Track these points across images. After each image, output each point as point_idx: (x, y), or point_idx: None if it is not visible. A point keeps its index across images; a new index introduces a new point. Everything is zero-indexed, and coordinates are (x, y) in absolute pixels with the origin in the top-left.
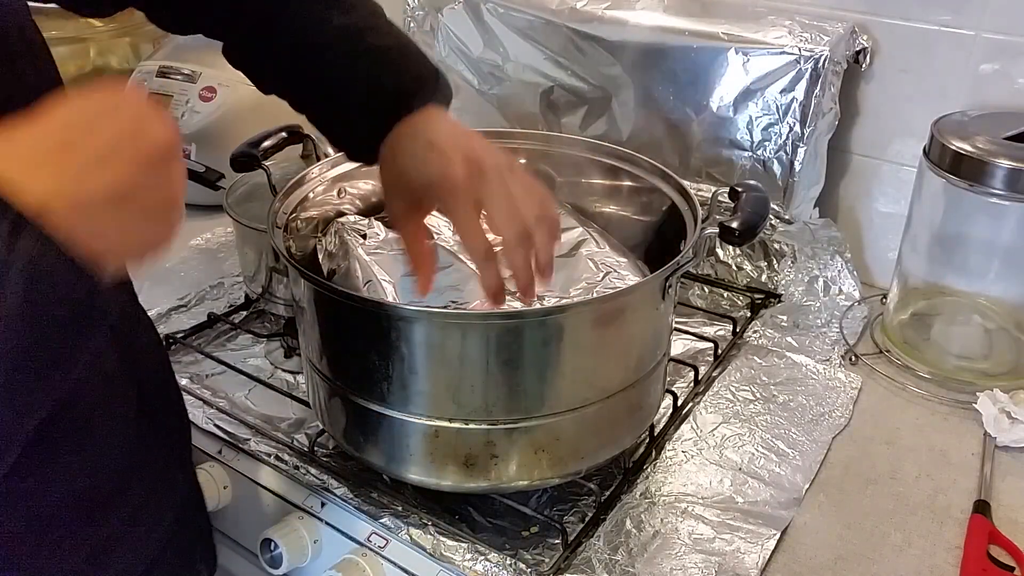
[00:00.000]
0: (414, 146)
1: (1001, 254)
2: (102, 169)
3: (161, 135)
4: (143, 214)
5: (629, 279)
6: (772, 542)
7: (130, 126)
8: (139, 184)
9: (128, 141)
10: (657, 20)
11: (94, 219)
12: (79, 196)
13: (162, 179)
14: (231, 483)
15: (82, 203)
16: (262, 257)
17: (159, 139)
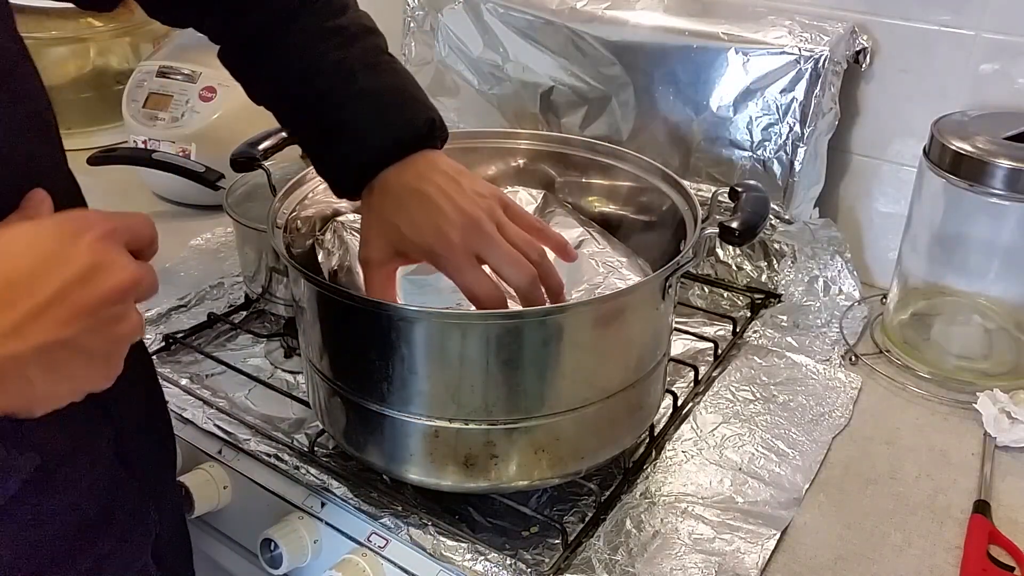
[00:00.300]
0: (402, 198)
1: (1001, 254)
2: (35, 327)
3: (114, 282)
4: (82, 360)
5: (630, 279)
6: (772, 542)
7: (81, 274)
8: (78, 334)
9: (75, 293)
10: (657, 20)
11: (22, 374)
12: (5, 360)
13: (108, 324)
14: (231, 483)
15: (11, 367)
16: (262, 257)
17: (111, 286)
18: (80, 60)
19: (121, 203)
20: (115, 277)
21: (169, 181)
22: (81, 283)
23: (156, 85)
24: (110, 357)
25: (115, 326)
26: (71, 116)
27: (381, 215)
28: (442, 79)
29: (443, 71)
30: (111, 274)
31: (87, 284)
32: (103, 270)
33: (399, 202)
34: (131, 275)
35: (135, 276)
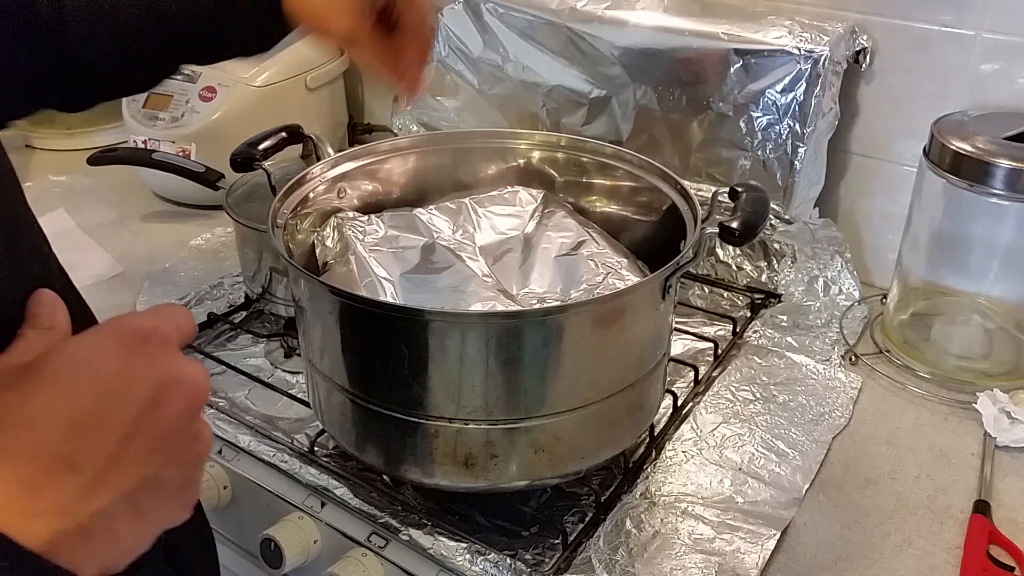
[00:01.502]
0: None
1: (1001, 254)
2: (117, 472)
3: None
4: (163, 496)
5: (629, 279)
6: (772, 542)
7: (150, 397)
8: (159, 467)
9: (148, 421)
10: (657, 20)
11: (109, 528)
12: (90, 519)
13: (185, 447)
14: (231, 483)
15: (97, 523)
16: (262, 257)
17: (185, 405)
18: None
19: (121, 203)
20: (186, 393)
21: (169, 181)
22: (155, 407)
23: None
24: (188, 485)
25: (191, 447)
26: (71, 116)
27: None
28: (442, 79)
29: (443, 71)
30: (181, 390)
31: (161, 406)
32: (172, 387)
33: None
34: (199, 385)
35: (203, 385)
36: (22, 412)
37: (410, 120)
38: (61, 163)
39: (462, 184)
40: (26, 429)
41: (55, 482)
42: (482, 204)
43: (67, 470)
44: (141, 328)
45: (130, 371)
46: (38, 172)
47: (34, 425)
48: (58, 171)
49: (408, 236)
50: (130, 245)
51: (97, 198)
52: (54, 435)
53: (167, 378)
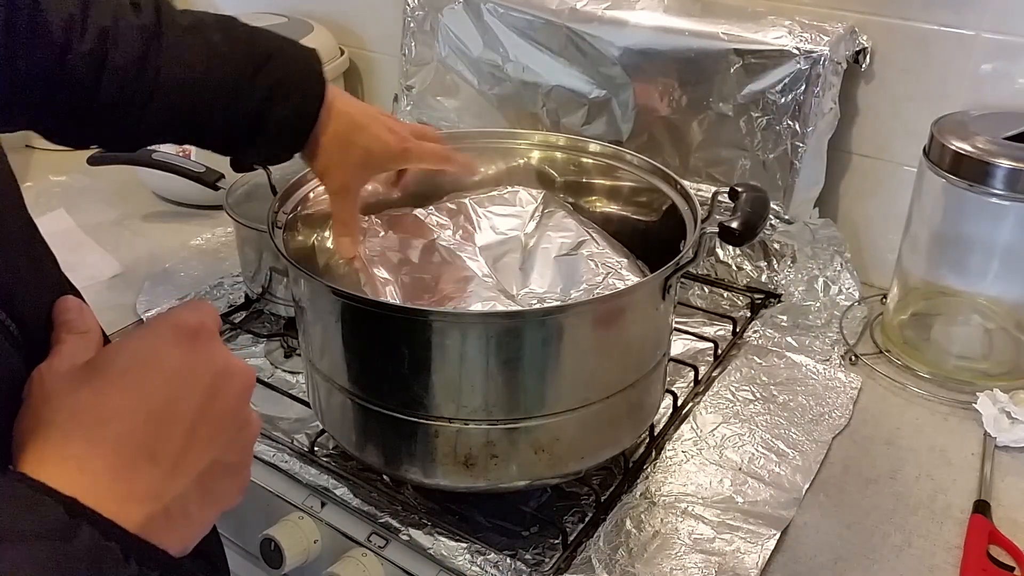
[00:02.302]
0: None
1: (1001, 254)
2: (190, 458)
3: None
4: (225, 478)
5: (629, 279)
6: (772, 542)
7: (210, 386)
8: (221, 451)
9: (210, 408)
10: (657, 20)
11: (185, 510)
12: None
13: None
14: None
15: (177, 506)
16: (262, 257)
17: (238, 390)
18: None
19: (121, 203)
20: (238, 381)
21: (169, 181)
22: (214, 395)
23: None
24: (243, 468)
25: (245, 432)
26: None
27: (343, 142)
28: (442, 79)
29: (443, 71)
30: (234, 379)
31: (219, 394)
32: (227, 377)
33: (355, 126)
34: (249, 373)
35: (251, 373)
36: (101, 408)
37: (410, 120)
38: (61, 163)
39: (462, 184)
40: (108, 424)
41: (140, 470)
42: (482, 204)
43: (148, 458)
44: (190, 324)
45: (190, 364)
46: (38, 172)
47: (114, 420)
48: (58, 171)
49: (408, 237)
50: (130, 245)
51: (97, 198)
52: (134, 428)
53: (222, 368)
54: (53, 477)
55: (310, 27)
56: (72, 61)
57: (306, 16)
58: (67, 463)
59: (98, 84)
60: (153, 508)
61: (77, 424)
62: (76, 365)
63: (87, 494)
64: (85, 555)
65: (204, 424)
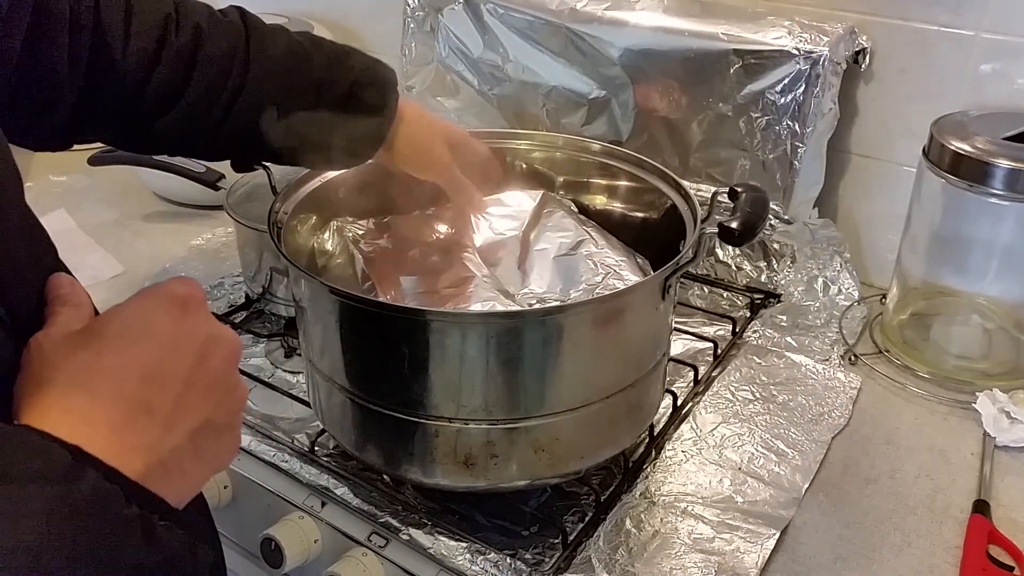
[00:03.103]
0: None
1: (1000, 254)
2: (183, 415)
3: (227, 349)
4: (216, 437)
5: (629, 279)
6: (772, 542)
7: (199, 350)
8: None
9: (200, 371)
10: (657, 20)
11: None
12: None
13: (229, 393)
14: (231, 483)
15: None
16: (262, 257)
17: (226, 354)
18: None
19: (121, 203)
20: (226, 346)
21: (169, 181)
22: (203, 358)
23: None
24: (233, 428)
25: (233, 394)
26: None
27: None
28: (442, 79)
29: (443, 71)
30: (222, 344)
31: (208, 358)
32: (215, 342)
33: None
34: (235, 339)
35: (237, 340)
36: (99, 368)
37: None
38: (62, 163)
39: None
40: (106, 381)
41: (138, 424)
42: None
43: (145, 413)
44: (180, 293)
45: (180, 329)
46: (39, 172)
47: (112, 378)
48: (59, 171)
49: (408, 238)
50: (131, 245)
51: (98, 198)
52: (131, 385)
53: (210, 334)
54: (57, 427)
55: (310, 27)
56: (167, 55)
57: (306, 16)
58: (69, 415)
59: (189, 78)
60: (151, 459)
61: (77, 381)
62: (72, 331)
63: (90, 443)
64: (90, 496)
65: (195, 385)
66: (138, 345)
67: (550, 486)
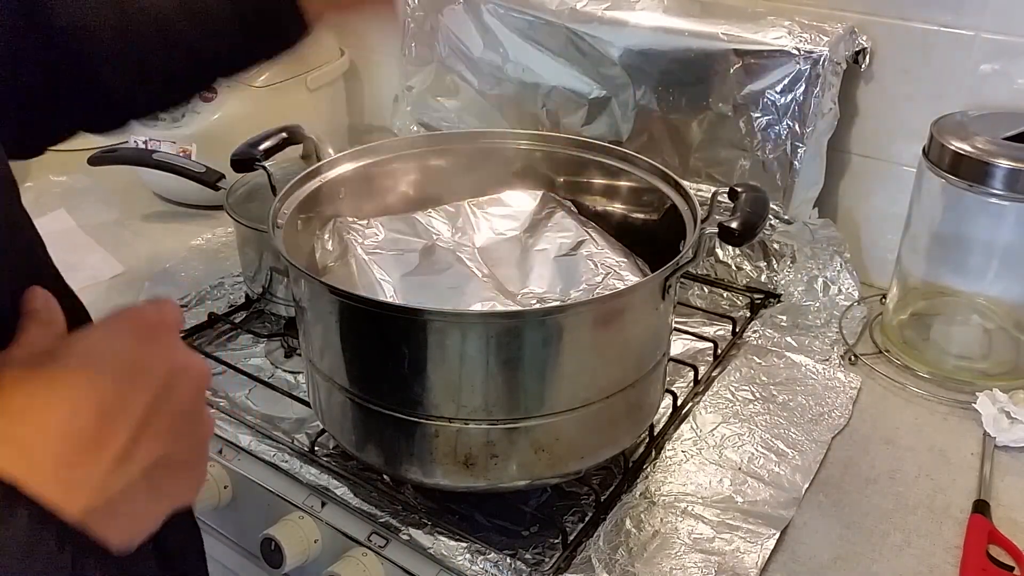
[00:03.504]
0: None
1: (1000, 254)
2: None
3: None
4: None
5: (629, 279)
6: (772, 542)
7: (163, 382)
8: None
9: (161, 404)
10: (657, 20)
11: (131, 503)
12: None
13: (192, 427)
14: (231, 483)
15: (122, 499)
16: (262, 257)
17: (193, 387)
18: None
19: (121, 203)
20: (193, 377)
21: (170, 181)
22: (167, 391)
23: None
24: (197, 464)
25: (198, 428)
26: None
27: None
28: (442, 79)
29: (443, 71)
30: (189, 375)
31: (172, 391)
32: (181, 373)
33: None
34: (203, 371)
35: (206, 371)
36: (52, 396)
37: (410, 120)
38: (62, 163)
39: (462, 184)
40: (57, 412)
41: (86, 460)
42: (480, 206)
43: (96, 449)
44: (148, 319)
45: (145, 359)
46: (39, 172)
47: (64, 408)
48: (59, 171)
49: (407, 239)
50: (131, 245)
51: (98, 198)
52: (84, 418)
53: (176, 365)
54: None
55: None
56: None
57: None
58: (11, 446)
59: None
60: (96, 499)
61: (27, 409)
62: (33, 353)
63: (28, 478)
64: (19, 538)
65: (156, 418)
66: (96, 374)
67: (550, 486)
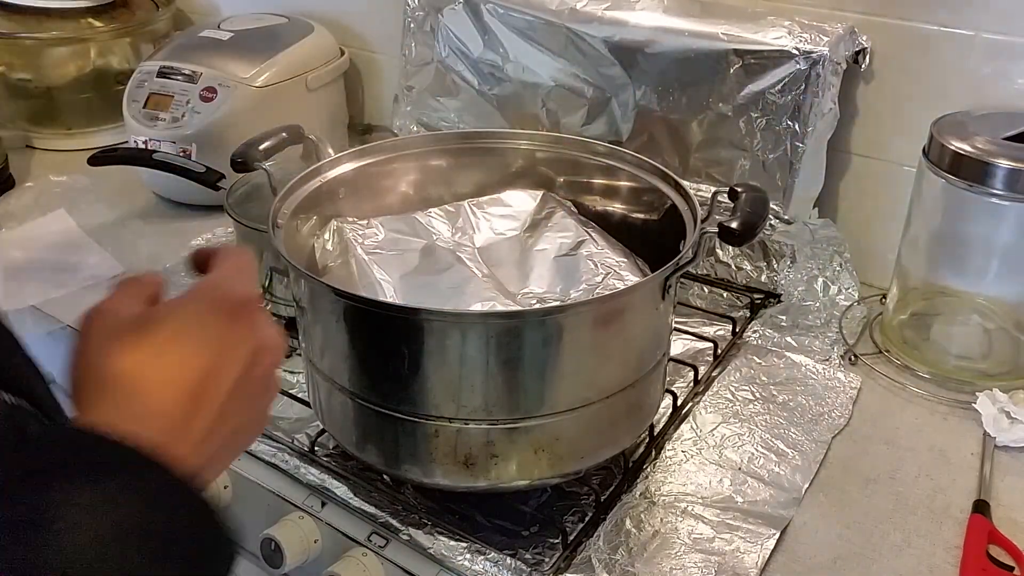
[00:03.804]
0: None
1: (1000, 254)
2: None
3: (274, 357)
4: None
5: (629, 279)
6: (772, 542)
7: (248, 359)
8: (253, 409)
9: (246, 378)
10: (657, 20)
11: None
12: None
13: (268, 391)
14: (231, 483)
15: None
16: (262, 257)
17: (272, 361)
18: (80, 60)
19: (121, 203)
20: (274, 352)
21: (169, 181)
22: (251, 368)
23: (157, 85)
24: (263, 423)
25: (271, 392)
26: (72, 116)
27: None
28: (442, 79)
29: (443, 71)
30: (269, 350)
31: (255, 367)
32: (264, 350)
33: None
34: (281, 344)
35: (284, 344)
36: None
37: (410, 121)
38: (61, 163)
39: (462, 184)
40: (160, 384)
41: (189, 425)
42: (480, 206)
43: (196, 416)
44: (238, 298)
45: (234, 337)
46: (38, 172)
47: (167, 381)
48: (58, 171)
49: (407, 239)
50: (131, 245)
51: (97, 198)
52: (184, 388)
53: (260, 342)
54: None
55: (310, 27)
56: None
57: (306, 16)
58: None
59: None
60: (201, 455)
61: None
62: (125, 321)
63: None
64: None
65: (241, 390)
66: (192, 350)
67: (550, 486)
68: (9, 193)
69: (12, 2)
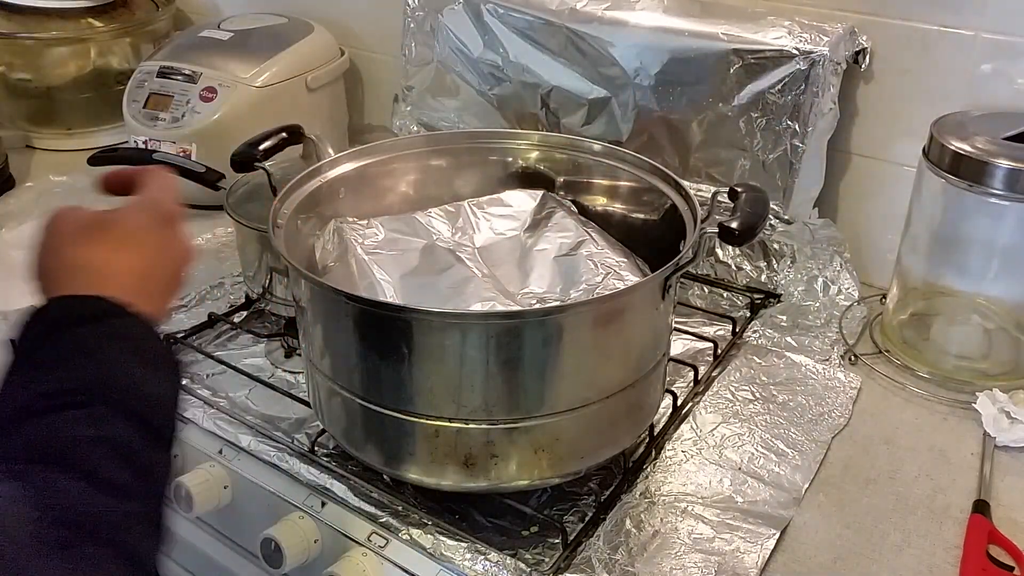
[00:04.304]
0: None
1: (1000, 254)
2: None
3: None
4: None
5: (629, 279)
6: (772, 542)
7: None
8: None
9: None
10: (657, 20)
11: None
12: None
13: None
14: (231, 483)
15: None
16: (262, 257)
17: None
18: (81, 60)
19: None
20: (191, 253)
21: None
22: (184, 265)
23: (157, 85)
24: (180, 288)
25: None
26: (72, 116)
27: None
28: (442, 79)
29: (443, 71)
30: (192, 251)
31: (187, 264)
32: (190, 255)
33: None
34: (193, 248)
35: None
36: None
37: (410, 121)
38: (61, 163)
39: (461, 184)
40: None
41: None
42: (480, 206)
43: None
44: (169, 212)
45: (169, 243)
46: (38, 172)
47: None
48: (59, 171)
49: (407, 239)
50: None
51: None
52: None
53: (187, 251)
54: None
55: (310, 27)
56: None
57: (306, 16)
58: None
59: None
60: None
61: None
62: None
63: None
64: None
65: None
66: (139, 248)
67: (550, 486)
68: (9, 193)
69: (12, 2)
